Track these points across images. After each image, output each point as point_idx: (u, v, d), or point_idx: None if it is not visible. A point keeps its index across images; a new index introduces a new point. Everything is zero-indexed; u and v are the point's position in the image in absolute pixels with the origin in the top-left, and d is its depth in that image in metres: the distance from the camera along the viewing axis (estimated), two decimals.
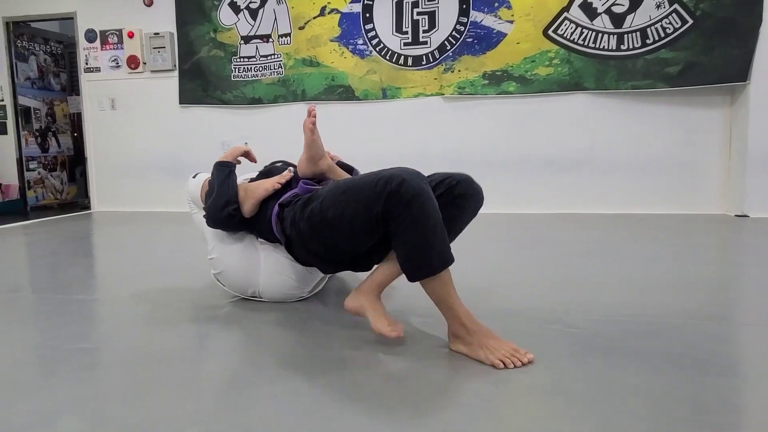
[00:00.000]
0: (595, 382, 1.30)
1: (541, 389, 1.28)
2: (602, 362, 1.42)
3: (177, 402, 1.25)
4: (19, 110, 5.81)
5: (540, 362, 1.42)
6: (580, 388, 1.27)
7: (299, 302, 2.05)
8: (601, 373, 1.36)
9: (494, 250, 3.08)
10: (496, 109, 4.63)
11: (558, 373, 1.36)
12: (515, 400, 1.24)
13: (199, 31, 5.11)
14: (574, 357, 1.46)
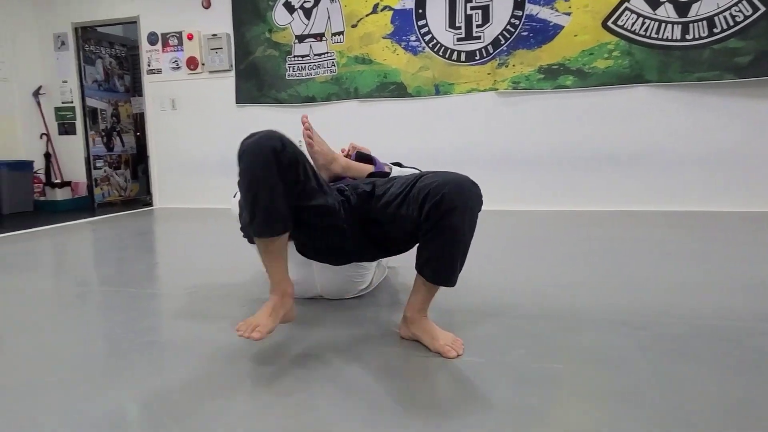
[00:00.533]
0: (668, 386, 1.25)
1: (613, 393, 1.24)
2: (674, 365, 1.37)
3: (230, 396, 1.29)
4: (86, 111, 6.11)
5: (610, 365, 1.38)
6: (654, 392, 1.23)
7: (356, 299, 2.07)
8: (674, 376, 1.30)
9: (555, 249, 3.01)
10: (552, 104, 4.52)
11: (629, 376, 1.32)
12: (587, 404, 1.21)
13: (255, 31, 5.22)
14: (644, 360, 1.41)
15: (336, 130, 5.10)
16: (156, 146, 5.79)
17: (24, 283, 2.57)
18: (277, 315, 1.46)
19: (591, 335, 1.61)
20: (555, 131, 4.54)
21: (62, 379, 1.40)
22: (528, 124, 4.60)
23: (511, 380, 1.32)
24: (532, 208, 4.60)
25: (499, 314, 1.83)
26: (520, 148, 4.64)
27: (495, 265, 2.59)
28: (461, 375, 1.35)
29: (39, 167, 6.03)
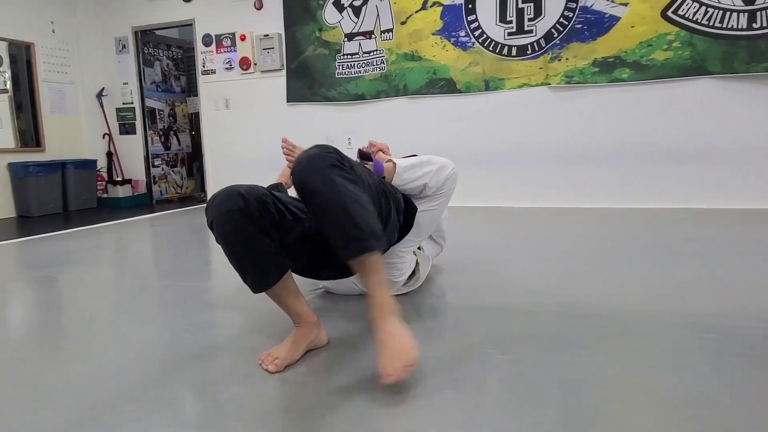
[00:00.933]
0: (738, 392, 1.19)
1: (679, 398, 1.19)
2: (745, 370, 1.30)
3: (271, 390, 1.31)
4: (145, 112, 6.36)
5: (674, 369, 1.33)
6: (726, 399, 1.17)
7: (404, 295, 2.07)
8: (745, 382, 1.24)
9: (616, 248, 2.92)
10: (607, 98, 4.38)
11: (696, 380, 1.26)
12: (651, 410, 1.17)
13: (305, 30, 5.30)
14: (713, 364, 1.35)
15: (385, 127, 5.13)
16: (210, 145, 5.97)
17: (90, 277, 2.70)
18: (298, 346, 1.46)
19: (653, 338, 1.55)
20: (611, 126, 4.40)
21: (126, 367, 1.46)
22: (582, 119, 4.48)
23: (567, 383, 1.29)
24: (588, 206, 4.48)
25: (556, 313, 1.79)
26: (574, 144, 4.52)
27: (551, 265, 2.53)
28: (514, 376, 1.33)
29: (102, 166, 6.32)
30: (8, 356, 1.63)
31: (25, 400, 1.30)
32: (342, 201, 1.28)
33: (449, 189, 1.96)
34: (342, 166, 1.34)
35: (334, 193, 1.28)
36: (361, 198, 1.32)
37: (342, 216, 1.28)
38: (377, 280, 1.29)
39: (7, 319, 2.08)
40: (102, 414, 1.21)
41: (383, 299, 1.29)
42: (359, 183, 1.37)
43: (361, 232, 1.27)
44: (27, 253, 3.49)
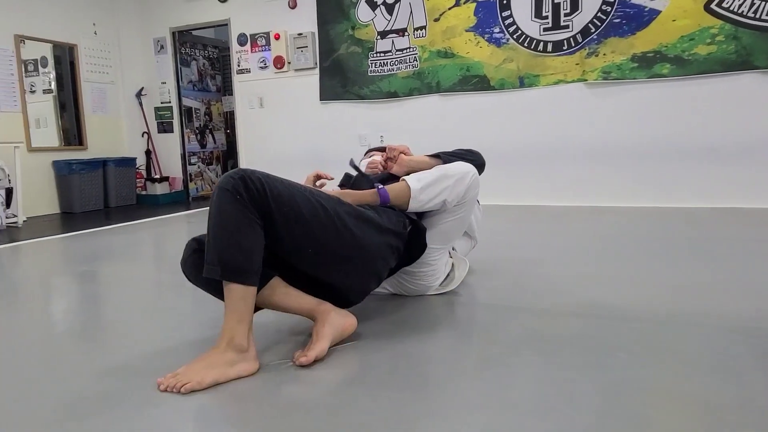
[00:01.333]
0: None
1: (729, 405, 1.15)
2: None
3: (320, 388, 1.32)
4: (182, 110, 6.50)
5: (720, 373, 1.29)
6: None
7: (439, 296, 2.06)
8: None
9: (654, 248, 2.84)
10: (646, 94, 4.27)
11: (743, 386, 1.22)
12: (701, 417, 1.14)
13: (339, 29, 5.32)
14: (760, 369, 1.30)
15: (417, 125, 5.11)
16: (244, 143, 6.06)
17: (129, 272, 2.77)
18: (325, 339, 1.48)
19: (696, 341, 1.50)
20: (650, 123, 4.29)
21: (170, 364, 1.50)
22: (620, 116, 4.37)
23: (605, 386, 1.26)
24: (626, 205, 4.37)
25: (593, 315, 1.75)
26: (611, 142, 4.42)
27: (587, 265, 2.49)
28: (548, 378, 1.31)
29: (140, 163, 6.48)
30: (53, 346, 1.69)
31: (66, 386, 1.35)
32: (211, 224, 1.38)
33: (472, 196, 1.90)
34: (234, 191, 1.35)
35: (211, 216, 1.38)
36: (232, 224, 1.35)
37: (208, 238, 1.39)
38: (229, 310, 1.37)
39: (53, 312, 2.16)
40: (135, 402, 1.24)
41: (226, 328, 1.36)
42: (246, 211, 1.35)
43: (212, 258, 1.37)
44: (71, 248, 3.61)
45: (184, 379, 1.30)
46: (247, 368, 1.37)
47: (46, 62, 5.78)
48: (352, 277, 1.60)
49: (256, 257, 1.38)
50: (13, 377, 1.46)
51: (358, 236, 1.53)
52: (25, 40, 5.45)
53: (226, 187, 1.35)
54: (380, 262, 1.65)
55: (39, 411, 1.24)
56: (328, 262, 1.53)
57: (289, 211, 1.41)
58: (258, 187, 1.37)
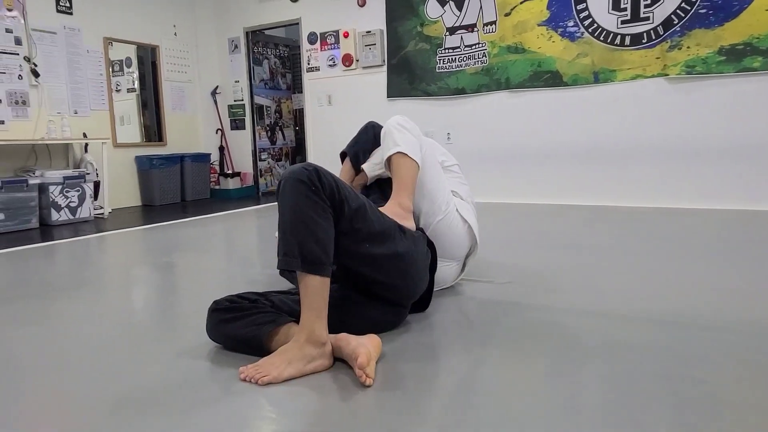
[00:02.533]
0: None
1: None
2: None
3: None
4: (254, 108, 6.71)
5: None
6: None
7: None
8: None
9: (738, 253, 2.66)
10: (735, 90, 3.99)
11: None
12: (756, 425, 1.05)
13: (407, 25, 5.31)
14: None
15: (485, 121, 5.03)
16: (312, 139, 6.18)
17: (203, 264, 2.90)
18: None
19: (747, 347, 1.39)
20: (739, 120, 4.00)
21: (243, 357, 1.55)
22: (705, 113, 4.11)
23: (681, 400, 1.18)
24: (711, 207, 4.12)
25: (667, 322, 1.66)
26: (694, 140, 4.16)
27: (663, 270, 2.36)
28: (617, 388, 1.25)
29: (214, 159, 6.75)
30: (136, 333, 1.79)
31: (147, 372, 1.42)
32: (287, 216, 1.39)
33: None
34: (310, 182, 1.37)
35: (286, 207, 1.39)
36: (308, 216, 1.36)
37: (283, 230, 1.40)
38: (308, 304, 1.38)
39: (136, 300, 2.29)
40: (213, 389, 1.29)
41: (304, 322, 1.38)
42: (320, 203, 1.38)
43: (290, 250, 1.37)
44: (151, 239, 3.81)
45: (263, 372, 1.34)
46: (323, 364, 1.40)
47: (131, 62, 6.12)
48: (403, 276, 1.60)
49: (330, 248, 1.40)
50: (97, 361, 1.56)
51: (405, 240, 1.59)
52: (113, 42, 5.80)
53: (301, 178, 1.37)
54: (423, 266, 1.69)
55: (120, 396, 1.32)
56: (380, 261, 1.54)
57: (355, 205, 1.45)
58: (330, 181, 1.41)
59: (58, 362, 1.56)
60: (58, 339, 1.77)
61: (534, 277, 2.31)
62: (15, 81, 4.92)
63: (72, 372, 1.48)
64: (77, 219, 4.78)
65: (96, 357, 1.59)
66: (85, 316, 2.01)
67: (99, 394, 1.34)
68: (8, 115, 4.87)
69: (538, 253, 2.80)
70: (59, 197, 4.66)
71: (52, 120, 5.06)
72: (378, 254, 1.52)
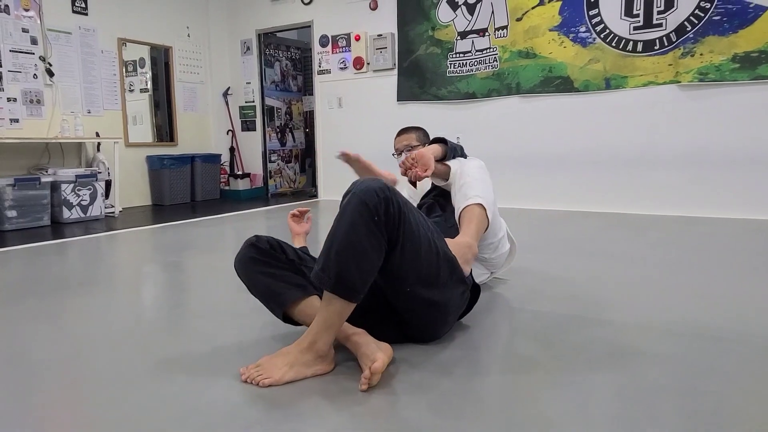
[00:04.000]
0: None
1: None
2: None
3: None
4: (265, 110, 6.75)
5: None
6: None
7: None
8: None
9: (752, 264, 2.63)
10: (750, 98, 3.95)
11: None
12: None
13: (419, 29, 5.32)
14: None
15: (495, 126, 5.02)
16: (322, 142, 6.19)
17: (211, 264, 2.91)
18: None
19: (760, 360, 1.37)
20: (753, 128, 3.96)
21: (247, 356, 1.55)
22: (718, 121, 4.08)
23: (694, 413, 1.17)
24: (725, 216, 4.08)
25: (680, 333, 1.65)
26: (708, 148, 4.13)
27: (676, 279, 2.34)
28: (627, 398, 1.24)
29: (225, 160, 6.79)
30: (141, 331, 1.80)
31: (153, 371, 1.43)
32: (339, 231, 1.32)
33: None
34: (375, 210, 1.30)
35: (343, 224, 1.32)
36: (360, 243, 1.30)
37: (329, 243, 1.34)
38: (323, 319, 1.35)
39: (144, 299, 2.30)
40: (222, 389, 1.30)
41: (313, 332, 1.37)
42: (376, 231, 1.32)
43: (328, 267, 1.32)
44: (161, 238, 3.84)
45: (265, 374, 1.35)
46: (324, 368, 1.40)
47: (144, 63, 6.18)
48: (429, 319, 1.56)
49: (369, 281, 1.35)
50: (101, 358, 1.57)
51: (449, 286, 1.52)
52: (126, 42, 5.86)
53: (367, 202, 1.31)
54: (455, 311, 1.61)
55: (123, 395, 1.33)
56: (416, 302, 1.50)
57: (411, 246, 1.39)
58: (396, 213, 1.34)
59: (70, 359, 1.57)
60: (69, 336, 1.78)
61: (550, 283, 2.30)
62: (30, 80, 4.98)
63: (82, 368, 1.50)
64: (88, 217, 4.83)
65: (105, 355, 1.60)
66: (95, 313, 2.03)
67: (107, 391, 1.35)
68: (23, 113, 4.93)
69: (553, 259, 2.79)
70: (71, 195, 4.70)
71: (66, 119, 5.11)
72: (418, 296, 1.47)
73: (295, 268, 1.57)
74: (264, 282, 1.53)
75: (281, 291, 1.49)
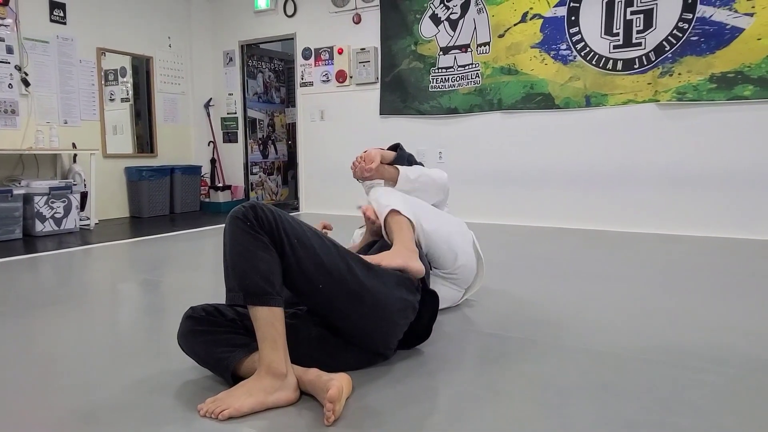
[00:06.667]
0: None
1: None
2: None
3: None
4: (247, 121, 6.69)
5: None
6: None
7: None
8: None
9: (731, 284, 2.64)
10: (726, 117, 4.00)
11: None
12: None
13: (401, 44, 5.32)
14: None
15: (477, 141, 5.02)
16: (304, 154, 6.15)
17: (189, 282, 2.84)
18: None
19: (738, 393, 1.36)
20: (728, 148, 4.01)
21: (213, 385, 1.50)
22: (695, 140, 4.12)
23: None
24: (698, 234, 4.11)
25: (660, 361, 1.63)
26: (685, 167, 4.17)
27: (653, 300, 2.33)
28: (584, 427, 1.21)
29: (205, 172, 6.71)
30: (105, 354, 1.74)
31: (126, 393, 1.38)
32: (227, 252, 1.40)
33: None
34: (245, 218, 1.38)
35: (226, 244, 1.40)
36: (246, 250, 1.36)
37: (225, 265, 1.41)
38: (260, 336, 1.35)
39: (113, 320, 2.23)
40: None
41: (262, 355, 1.35)
42: (259, 238, 1.37)
43: (231, 285, 1.38)
44: (137, 253, 3.76)
45: (223, 405, 1.30)
46: (287, 397, 1.35)
47: (125, 72, 6.10)
48: (367, 321, 1.50)
49: (275, 278, 1.37)
50: (70, 382, 1.50)
51: (368, 279, 1.49)
52: (106, 52, 5.78)
53: (237, 215, 1.39)
54: (396, 312, 1.55)
55: (68, 418, 1.27)
56: (340, 301, 1.46)
57: (298, 243, 1.41)
58: (268, 216, 1.39)
59: (37, 381, 1.51)
60: (37, 357, 1.71)
61: (522, 306, 2.28)
62: (5, 90, 4.88)
63: (50, 391, 1.43)
64: (62, 230, 4.72)
65: (74, 378, 1.54)
66: (65, 334, 1.96)
67: (75, 416, 1.28)
68: None
69: (527, 279, 2.77)
70: (44, 208, 4.60)
71: (41, 130, 5.01)
72: (334, 292, 1.44)
73: (237, 327, 1.54)
74: (206, 351, 1.49)
75: (224, 356, 1.45)
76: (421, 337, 1.72)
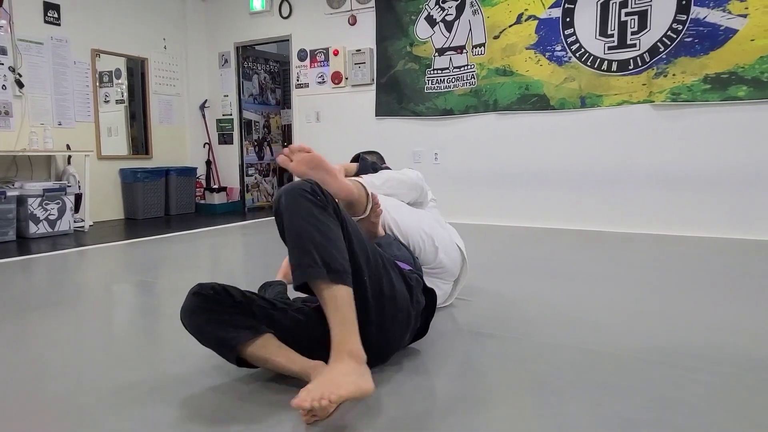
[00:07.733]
0: None
1: None
2: None
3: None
4: (242, 123, 6.68)
5: None
6: None
7: None
8: None
9: (726, 283, 2.65)
10: (720, 118, 4.02)
11: None
12: None
13: (397, 45, 5.33)
14: None
15: (473, 142, 5.03)
16: None
17: (184, 283, 2.83)
18: None
19: (733, 392, 1.36)
20: (722, 149, 4.03)
21: (219, 367, 1.49)
22: (690, 141, 4.14)
23: None
24: (693, 235, 4.13)
25: (659, 362, 1.63)
26: (679, 167, 4.18)
27: (649, 301, 2.33)
28: (578, 427, 1.21)
29: (201, 173, 6.69)
30: (106, 357, 1.72)
31: (119, 397, 1.36)
32: (297, 225, 1.29)
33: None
34: (314, 194, 1.33)
35: (294, 216, 1.31)
36: (322, 225, 1.30)
37: (295, 240, 1.29)
38: (340, 318, 1.26)
39: (108, 321, 2.22)
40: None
41: (341, 339, 1.26)
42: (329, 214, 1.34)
43: (311, 259, 1.26)
44: (132, 255, 3.74)
45: (326, 393, 1.14)
46: (371, 387, 1.22)
47: (120, 74, 6.07)
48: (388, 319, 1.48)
49: (348, 257, 1.33)
50: (63, 385, 1.49)
51: (398, 283, 1.49)
52: (100, 54, 5.76)
53: (304, 189, 1.32)
54: (411, 311, 1.54)
55: (61, 420, 1.26)
56: (372, 293, 1.44)
57: (348, 225, 1.39)
58: (326, 194, 1.37)
59: (30, 384, 1.49)
60: (30, 360, 1.70)
61: (518, 305, 2.28)
62: None
63: (42, 395, 1.42)
64: (56, 232, 4.70)
65: (67, 382, 1.53)
66: (58, 336, 1.94)
67: (68, 420, 1.27)
68: None
69: (523, 280, 2.77)
70: (38, 210, 4.57)
71: (35, 131, 4.98)
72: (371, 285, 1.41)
73: (244, 310, 1.46)
74: (212, 330, 1.43)
75: (231, 335, 1.40)
76: (418, 334, 1.71)
